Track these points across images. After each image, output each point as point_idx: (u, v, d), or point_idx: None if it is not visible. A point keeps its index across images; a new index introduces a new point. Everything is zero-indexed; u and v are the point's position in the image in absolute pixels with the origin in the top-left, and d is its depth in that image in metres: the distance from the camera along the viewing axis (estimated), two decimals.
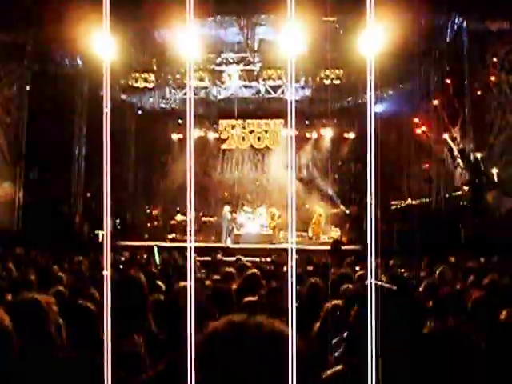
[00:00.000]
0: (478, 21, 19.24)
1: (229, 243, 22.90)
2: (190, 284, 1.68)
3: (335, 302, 5.12)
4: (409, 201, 22.07)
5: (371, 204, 1.81)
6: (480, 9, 18.29)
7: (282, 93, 23.81)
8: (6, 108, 21.03)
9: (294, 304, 1.72)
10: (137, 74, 23.35)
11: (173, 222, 24.95)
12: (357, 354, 2.60)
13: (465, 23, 19.45)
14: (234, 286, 6.34)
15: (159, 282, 6.75)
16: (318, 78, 22.82)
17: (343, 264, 11.68)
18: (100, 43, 12.86)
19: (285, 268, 9.83)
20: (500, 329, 4.02)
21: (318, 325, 5.17)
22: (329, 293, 5.85)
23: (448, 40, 20.05)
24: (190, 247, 1.90)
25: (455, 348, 2.55)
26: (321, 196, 25.94)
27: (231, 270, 7.92)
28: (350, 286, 6.19)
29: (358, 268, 9.78)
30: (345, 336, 3.71)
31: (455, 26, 19.62)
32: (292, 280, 1.73)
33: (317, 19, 18.60)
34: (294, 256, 1.94)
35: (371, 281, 1.92)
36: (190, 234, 2.09)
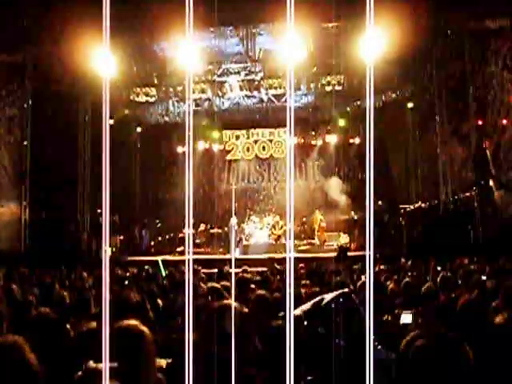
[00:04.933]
0: (479, 19, 19.22)
1: (237, 254, 22.84)
2: (187, 297, 1.66)
3: None
4: (419, 203, 22.07)
5: (369, 209, 1.79)
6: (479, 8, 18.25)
7: (285, 101, 23.82)
8: (8, 128, 21.09)
9: (292, 314, 1.70)
10: (138, 89, 23.44)
11: (181, 235, 24.92)
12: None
13: (465, 22, 19.42)
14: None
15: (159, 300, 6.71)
16: (319, 85, 22.84)
17: (347, 271, 11.68)
18: (100, 59, 12.88)
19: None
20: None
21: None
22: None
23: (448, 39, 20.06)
24: (189, 260, 1.88)
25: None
26: (330, 203, 25.90)
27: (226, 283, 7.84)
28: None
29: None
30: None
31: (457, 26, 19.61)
32: (290, 289, 1.71)
33: (317, 26, 18.64)
34: (293, 265, 1.92)
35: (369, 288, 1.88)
36: (189, 247, 2.07)
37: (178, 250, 24.06)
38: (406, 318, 5.93)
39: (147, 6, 17.50)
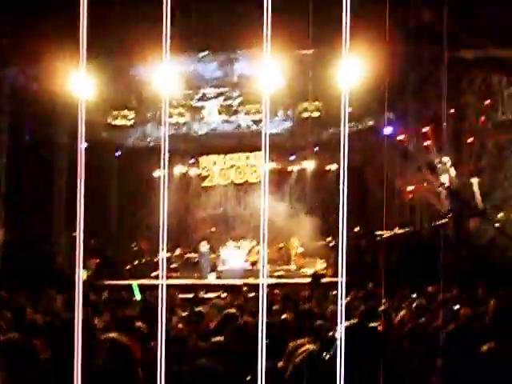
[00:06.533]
0: (454, 49, 19.51)
1: (211, 279, 22.77)
2: (160, 321, 1.65)
3: (300, 340, 4.95)
4: (396, 230, 22.14)
5: (343, 236, 1.79)
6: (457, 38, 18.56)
7: (262, 127, 23.89)
8: None
9: (264, 341, 1.69)
10: (116, 112, 23.41)
11: (156, 259, 24.77)
12: None
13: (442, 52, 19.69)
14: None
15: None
16: (297, 111, 22.99)
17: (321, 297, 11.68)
18: (77, 81, 12.88)
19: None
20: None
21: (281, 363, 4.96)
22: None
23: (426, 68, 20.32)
24: (162, 285, 1.87)
25: None
26: (306, 228, 25.90)
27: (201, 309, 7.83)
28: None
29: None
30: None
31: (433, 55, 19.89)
32: (263, 315, 1.70)
33: (294, 52, 18.79)
34: (265, 291, 1.92)
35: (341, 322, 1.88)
36: (163, 271, 2.06)
37: (154, 274, 23.90)
38: None
39: (126, 28, 17.54)
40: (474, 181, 19.94)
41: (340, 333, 1.84)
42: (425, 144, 21.21)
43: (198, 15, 18.92)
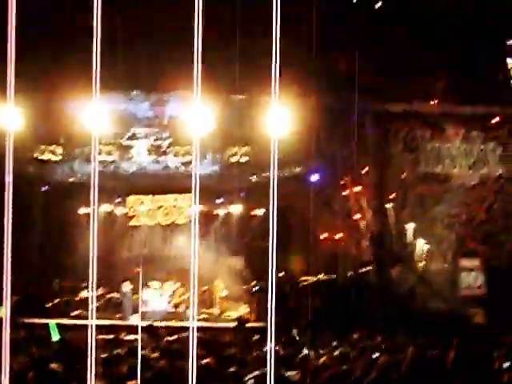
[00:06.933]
0: (380, 102, 20.11)
1: (133, 321, 22.41)
2: (90, 363, 1.63)
3: None
4: (320, 276, 22.30)
5: (272, 282, 1.82)
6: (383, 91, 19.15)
7: (191, 169, 23.89)
8: None
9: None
10: (44, 147, 23.07)
11: (77, 298, 24.26)
12: None
13: (368, 105, 20.26)
14: None
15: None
16: (226, 155, 23.14)
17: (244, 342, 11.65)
18: (4, 115, 12.67)
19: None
20: None
21: None
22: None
23: (352, 120, 20.79)
24: (92, 325, 1.86)
25: None
26: (230, 272, 25.83)
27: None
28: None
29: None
30: None
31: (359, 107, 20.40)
32: (192, 360, 1.70)
33: (225, 97, 18.99)
34: (195, 335, 1.92)
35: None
36: (92, 312, 2.05)
37: (74, 313, 23.38)
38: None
39: (57, 63, 17.43)
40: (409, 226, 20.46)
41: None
42: (349, 192, 21.59)
43: (131, 55, 19.00)
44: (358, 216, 21.42)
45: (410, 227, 21.21)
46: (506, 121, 22.63)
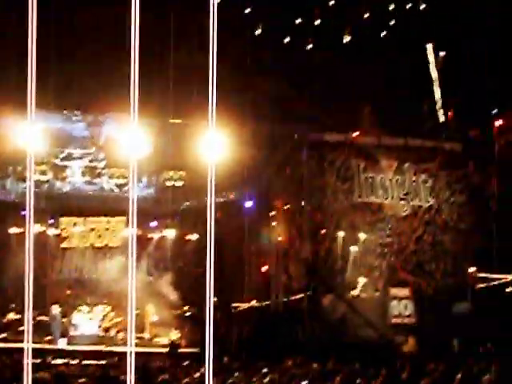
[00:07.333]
0: (317, 132, 20.40)
1: (62, 345, 21.96)
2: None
3: None
4: (253, 303, 22.29)
5: (209, 307, 1.82)
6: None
7: (126, 191, 23.70)
8: None
9: None
10: None
11: (5, 320, 23.62)
12: None
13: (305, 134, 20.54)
14: None
15: None
16: (161, 179, 23.06)
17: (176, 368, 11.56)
18: None
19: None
20: None
21: None
22: None
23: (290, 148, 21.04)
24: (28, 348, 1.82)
25: None
26: (162, 297, 25.59)
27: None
28: None
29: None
30: None
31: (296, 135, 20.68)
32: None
33: (163, 121, 18.97)
34: (133, 359, 1.90)
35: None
36: (28, 334, 2.01)
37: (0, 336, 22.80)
38: None
39: None
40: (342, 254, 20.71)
41: None
42: (282, 220, 21.74)
43: (66, 74, 18.82)
44: (290, 243, 21.55)
45: (343, 255, 21.48)
46: (437, 154, 23.28)
